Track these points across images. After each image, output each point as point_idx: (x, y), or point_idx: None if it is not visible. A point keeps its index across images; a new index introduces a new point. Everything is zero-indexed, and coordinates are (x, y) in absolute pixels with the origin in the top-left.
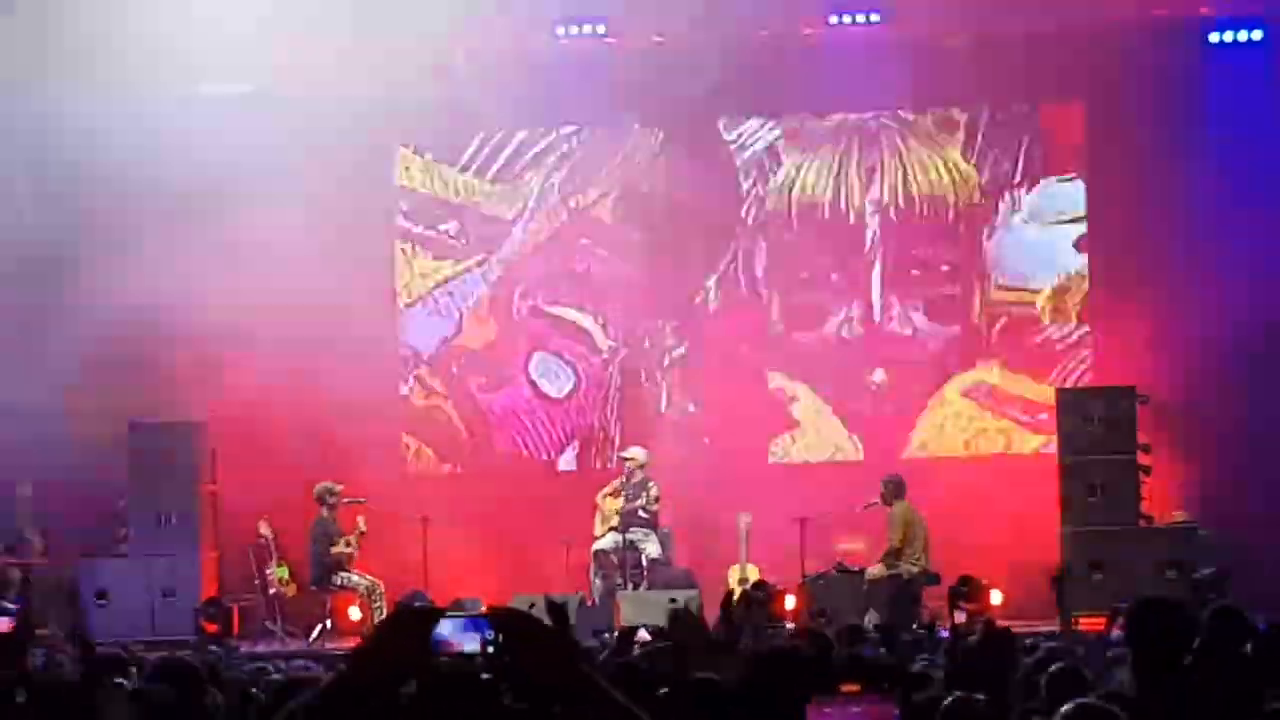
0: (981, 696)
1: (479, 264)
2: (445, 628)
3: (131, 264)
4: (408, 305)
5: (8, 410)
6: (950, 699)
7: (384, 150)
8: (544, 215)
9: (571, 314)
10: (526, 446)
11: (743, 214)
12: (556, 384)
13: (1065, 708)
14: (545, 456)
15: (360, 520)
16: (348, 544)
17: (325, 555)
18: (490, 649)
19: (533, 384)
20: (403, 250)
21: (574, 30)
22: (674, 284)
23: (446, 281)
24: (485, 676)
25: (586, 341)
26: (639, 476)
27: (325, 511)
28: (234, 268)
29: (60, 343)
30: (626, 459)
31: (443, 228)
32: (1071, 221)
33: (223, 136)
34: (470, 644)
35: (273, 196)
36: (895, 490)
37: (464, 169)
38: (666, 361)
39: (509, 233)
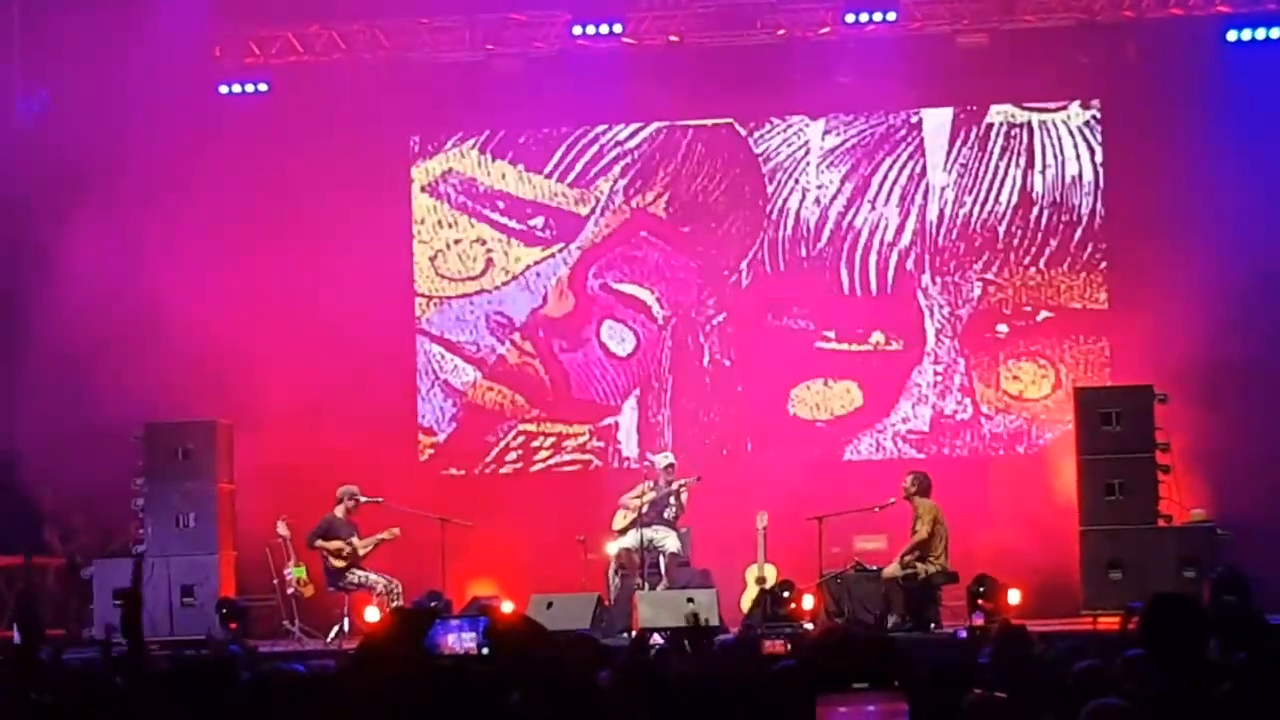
0: (1001, 695)
1: (560, 251)
2: (442, 629)
3: (146, 263)
4: (504, 284)
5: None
6: (969, 698)
7: (399, 149)
8: (611, 212)
9: (633, 290)
10: (597, 395)
11: (767, 210)
12: (622, 345)
13: (1087, 707)
14: (612, 402)
15: (394, 530)
16: (348, 544)
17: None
18: (484, 650)
19: (603, 345)
20: (499, 241)
21: (591, 30)
22: (714, 266)
23: (536, 264)
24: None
25: (645, 311)
26: (671, 480)
27: (339, 510)
28: (249, 266)
29: (72, 338)
30: (658, 465)
31: (532, 223)
32: (1089, 218)
33: (236, 134)
34: (466, 645)
35: (286, 194)
36: (922, 486)
37: (548, 175)
38: (708, 327)
39: (584, 226)
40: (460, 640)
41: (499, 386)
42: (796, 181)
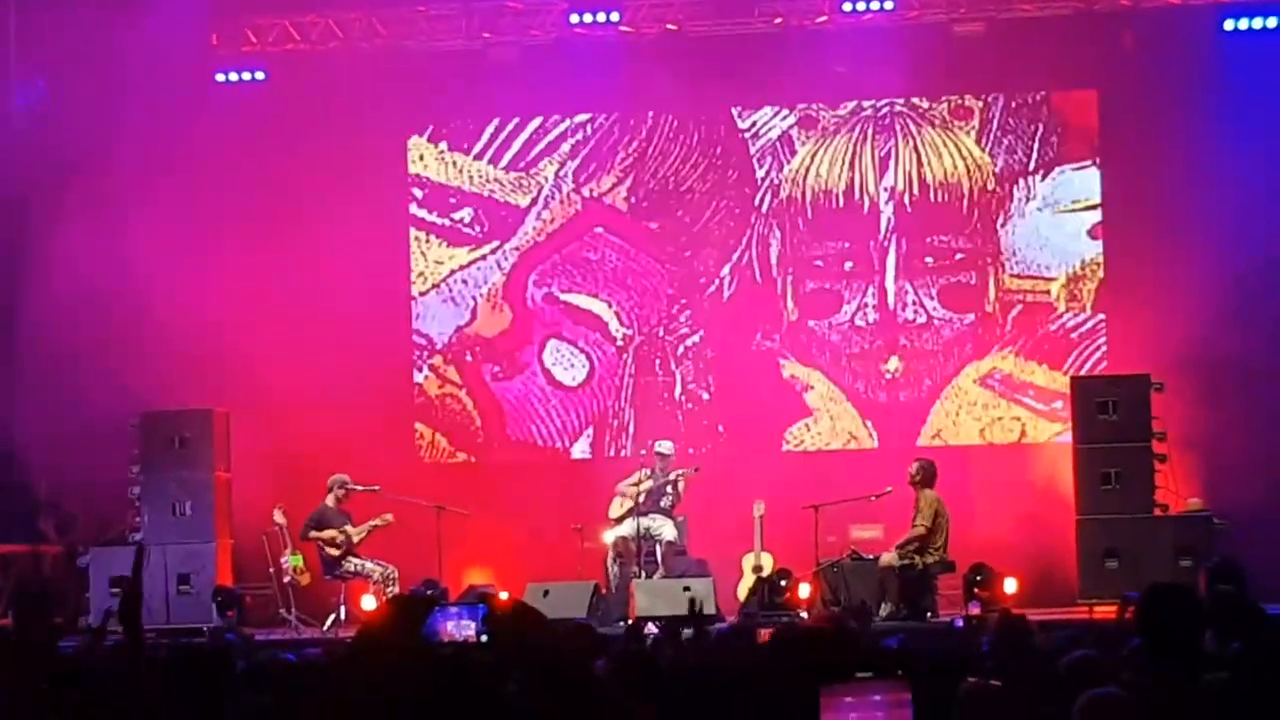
0: (997, 683)
1: (493, 251)
2: (441, 616)
3: (142, 252)
4: (421, 293)
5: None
6: (964, 686)
7: (396, 138)
8: (558, 204)
9: (585, 302)
10: (540, 435)
11: (756, 202)
12: (570, 372)
13: (1083, 696)
14: (559, 445)
15: (387, 516)
16: (342, 532)
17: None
18: (483, 638)
19: (547, 372)
20: (416, 238)
21: (588, 18)
22: (688, 272)
23: (460, 269)
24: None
25: (600, 329)
26: (666, 469)
27: (330, 500)
28: (246, 256)
29: (69, 329)
30: (657, 452)
31: (457, 216)
32: (1086, 209)
33: (232, 123)
34: (464, 632)
35: (284, 183)
36: (926, 476)
37: (478, 157)
38: (680, 349)
39: (523, 221)
40: (459, 628)
41: (419, 426)
42: (790, 172)
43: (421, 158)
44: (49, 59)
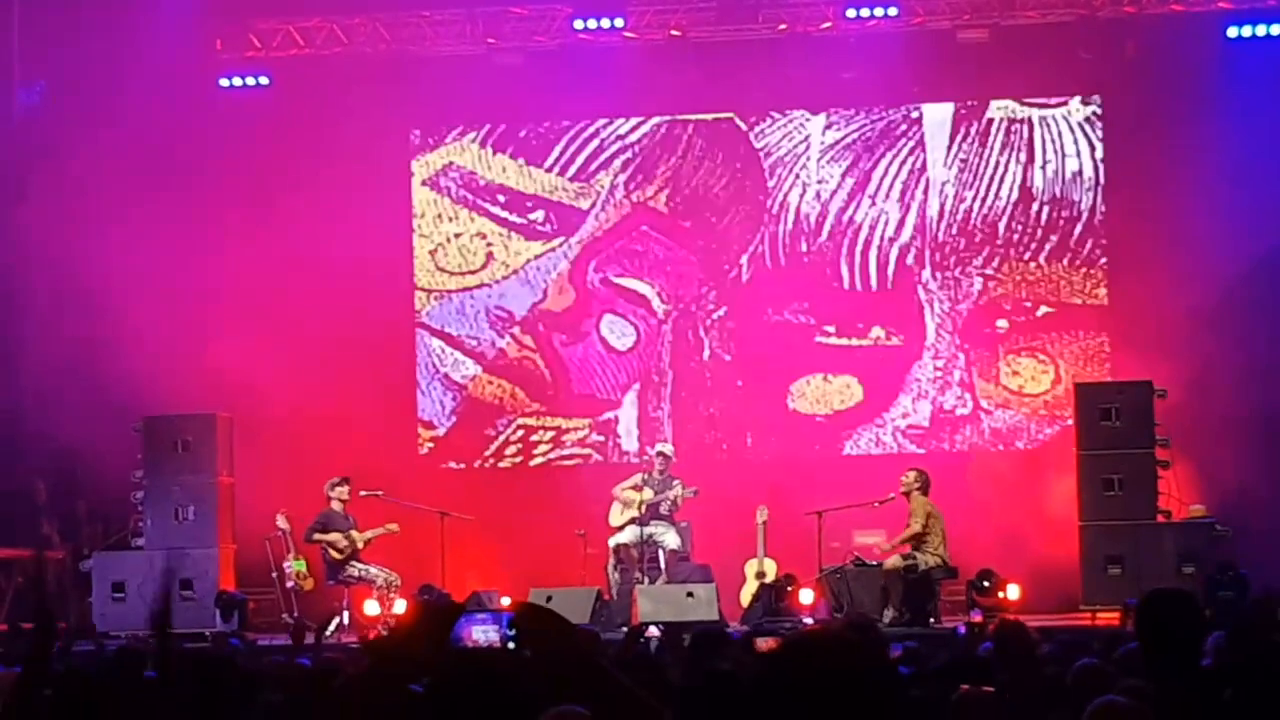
0: (991, 689)
1: (560, 245)
2: (467, 621)
3: (145, 256)
4: (504, 278)
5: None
6: (958, 693)
7: (399, 142)
8: (612, 206)
9: (634, 284)
10: (598, 389)
11: (768, 205)
12: (622, 339)
13: (1091, 704)
14: (612, 397)
15: (393, 527)
16: (346, 536)
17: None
18: (510, 643)
19: (603, 339)
20: (499, 235)
21: (592, 24)
22: (714, 260)
23: (536, 258)
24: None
25: (646, 305)
26: (664, 474)
27: (334, 504)
28: (249, 260)
29: (72, 332)
30: (658, 452)
31: (532, 217)
32: (1089, 214)
33: (236, 128)
34: (491, 636)
35: (287, 188)
36: (921, 484)
37: (548, 169)
38: (708, 322)
39: (584, 220)
40: (485, 633)
41: (499, 380)
42: (797, 176)
43: (504, 170)
44: (52, 62)
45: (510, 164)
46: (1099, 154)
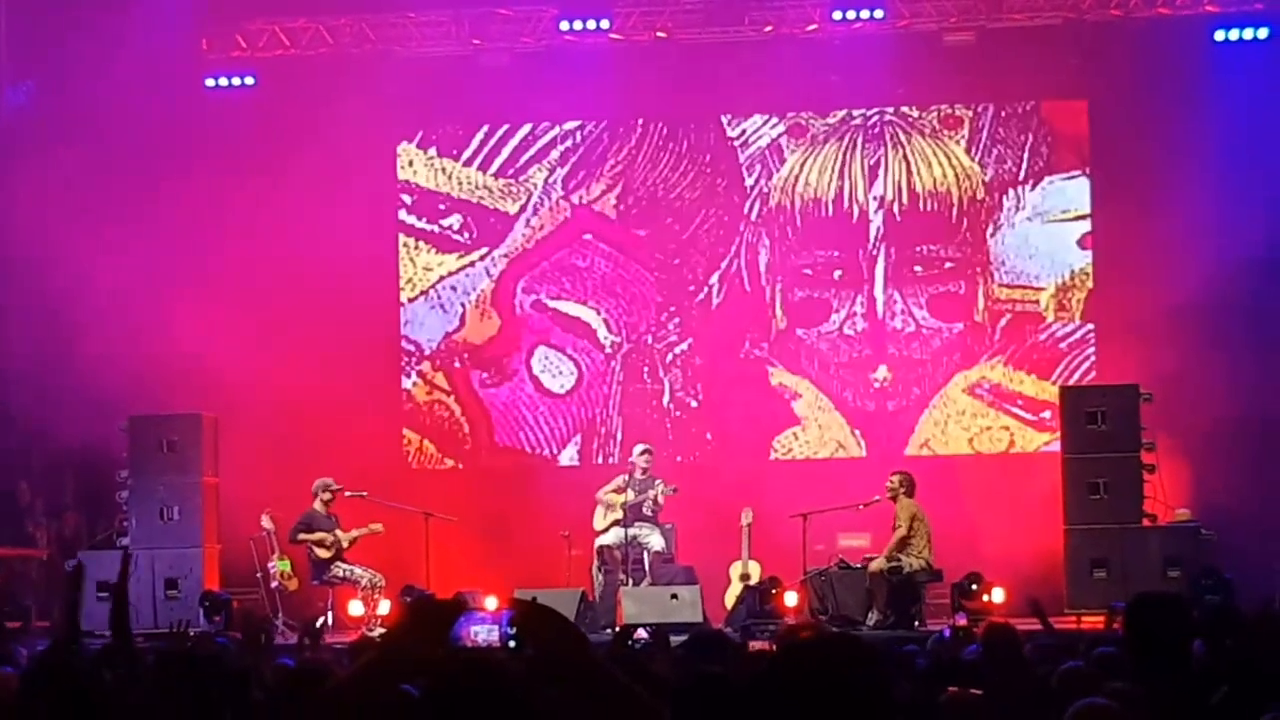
0: (978, 692)
1: (482, 258)
2: (467, 621)
3: (130, 256)
4: (410, 300)
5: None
6: (945, 695)
7: (385, 144)
8: (547, 211)
9: (574, 309)
10: (529, 442)
11: (746, 210)
12: (559, 379)
13: (1073, 706)
14: (547, 452)
15: (377, 527)
16: (331, 535)
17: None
18: (511, 642)
19: (535, 379)
20: (405, 244)
21: (578, 25)
22: (677, 279)
23: (449, 276)
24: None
25: (589, 336)
26: (646, 474)
27: (317, 504)
28: (235, 260)
29: (57, 331)
30: (634, 457)
31: (445, 222)
32: (1075, 219)
33: (222, 128)
34: (491, 636)
35: (273, 188)
36: (906, 487)
37: (467, 163)
38: (669, 357)
39: (512, 227)
40: (484, 633)
41: (407, 432)
42: (780, 181)
43: (411, 163)
44: (39, 62)
45: (418, 155)
46: (1086, 156)
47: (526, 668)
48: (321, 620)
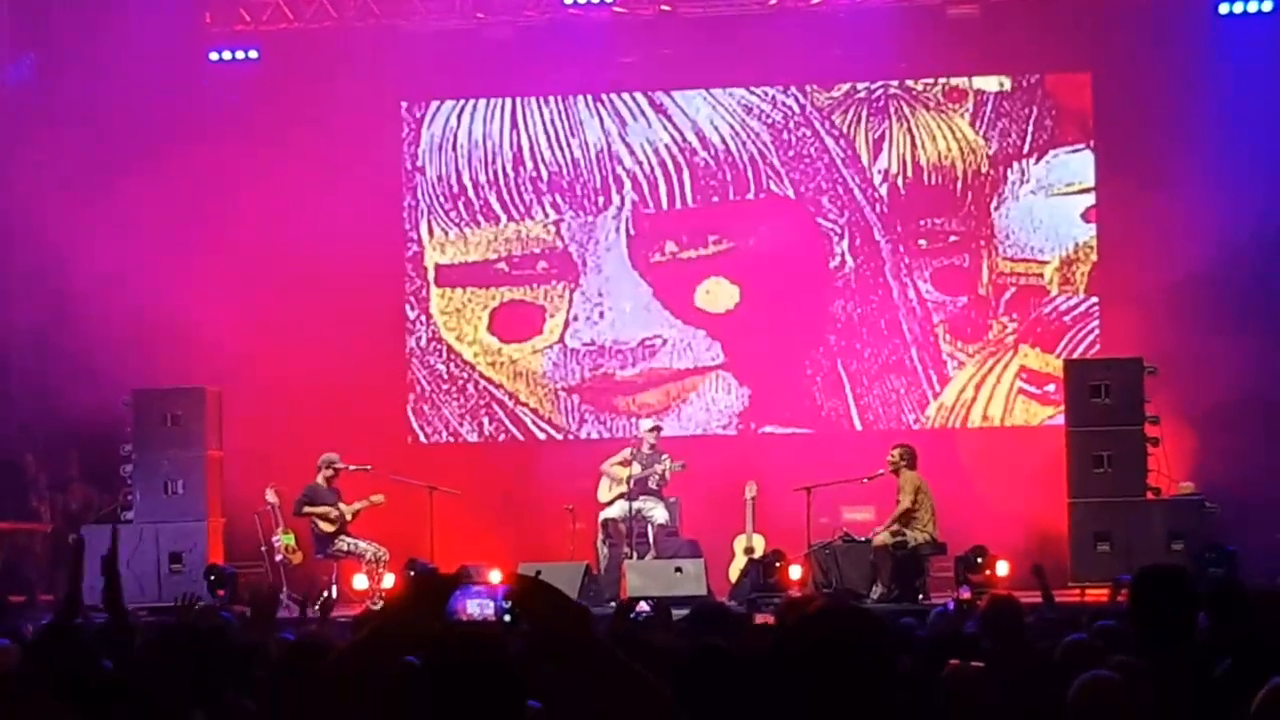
0: (979, 664)
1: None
2: (462, 595)
3: (134, 229)
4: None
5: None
6: (948, 668)
7: (389, 116)
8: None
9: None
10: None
11: (755, 181)
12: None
13: (1079, 679)
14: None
15: (378, 496)
16: (335, 508)
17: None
18: (507, 616)
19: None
20: (409, 217)
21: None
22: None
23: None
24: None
25: None
26: (654, 450)
27: (320, 479)
28: (239, 233)
29: (60, 305)
30: (642, 433)
31: (451, 194)
32: (1079, 192)
33: (225, 101)
34: (486, 610)
35: (277, 161)
36: (908, 459)
37: (470, 137)
38: None
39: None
40: (481, 607)
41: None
42: (786, 150)
43: (413, 134)
44: (41, 36)
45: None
46: (1090, 130)
47: (520, 643)
48: (326, 594)
